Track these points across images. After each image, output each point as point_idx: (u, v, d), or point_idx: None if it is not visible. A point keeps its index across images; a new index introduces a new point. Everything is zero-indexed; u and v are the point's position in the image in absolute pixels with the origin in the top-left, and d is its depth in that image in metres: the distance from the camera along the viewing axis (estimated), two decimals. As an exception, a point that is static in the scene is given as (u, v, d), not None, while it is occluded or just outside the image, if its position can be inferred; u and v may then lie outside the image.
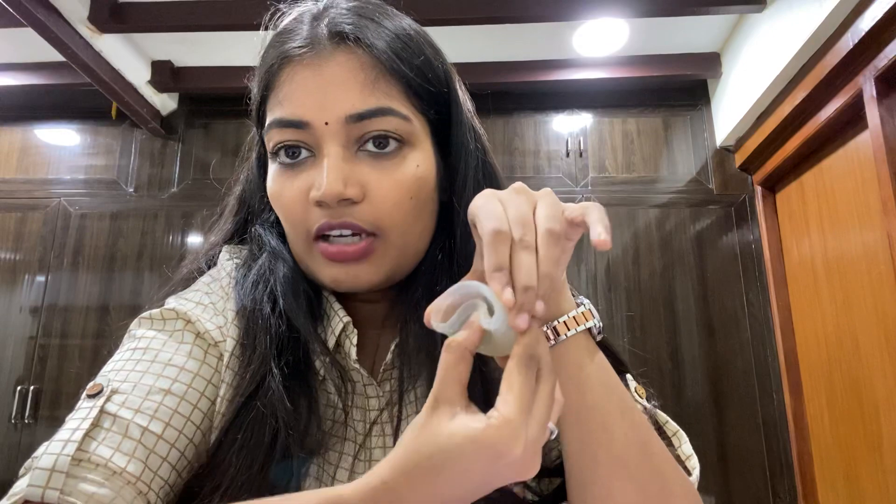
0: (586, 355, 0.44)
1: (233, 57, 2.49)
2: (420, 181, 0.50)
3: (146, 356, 0.48)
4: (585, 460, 0.43)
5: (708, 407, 2.26)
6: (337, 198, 0.47)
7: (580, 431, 0.43)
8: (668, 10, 2.05)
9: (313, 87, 0.48)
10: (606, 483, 0.42)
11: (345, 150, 0.49)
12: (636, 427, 0.44)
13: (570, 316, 0.44)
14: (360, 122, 0.48)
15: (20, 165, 2.68)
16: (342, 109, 0.48)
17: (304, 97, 0.49)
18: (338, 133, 0.48)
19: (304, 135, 0.49)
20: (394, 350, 0.53)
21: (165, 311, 0.51)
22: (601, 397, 0.43)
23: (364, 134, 0.49)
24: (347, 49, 0.49)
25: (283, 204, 0.51)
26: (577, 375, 0.44)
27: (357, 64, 0.49)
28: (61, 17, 1.99)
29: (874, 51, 1.60)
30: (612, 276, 2.40)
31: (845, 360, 1.89)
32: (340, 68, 0.49)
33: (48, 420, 2.32)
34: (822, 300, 2.02)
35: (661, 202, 2.47)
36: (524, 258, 0.37)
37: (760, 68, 2.10)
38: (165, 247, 2.55)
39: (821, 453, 2.06)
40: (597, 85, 2.55)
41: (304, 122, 0.48)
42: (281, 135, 0.50)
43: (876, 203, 1.69)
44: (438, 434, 0.34)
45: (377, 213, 0.49)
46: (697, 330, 2.34)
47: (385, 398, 0.53)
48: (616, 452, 0.42)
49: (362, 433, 0.52)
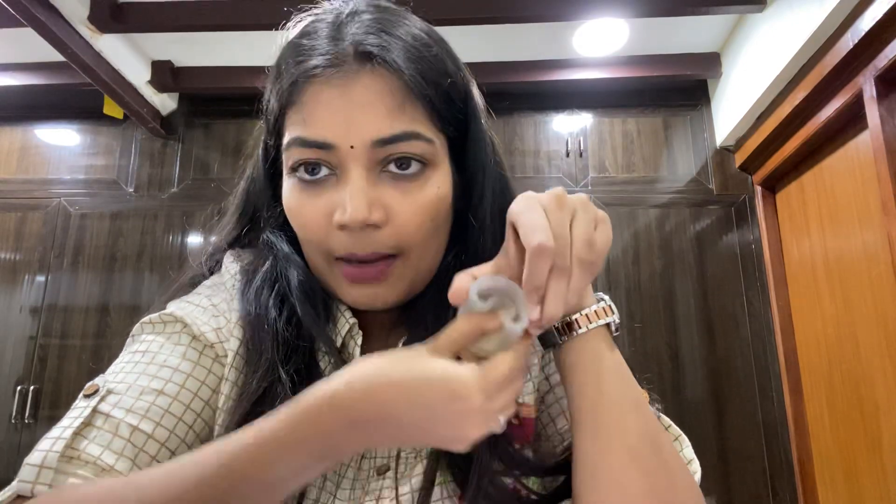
0: (605, 348, 0.46)
1: (233, 57, 2.49)
2: (440, 202, 0.50)
3: (143, 359, 0.49)
4: (599, 449, 0.44)
5: (708, 407, 2.26)
6: (362, 224, 0.47)
7: (595, 421, 0.44)
8: (668, 10, 2.05)
9: (339, 108, 0.47)
10: (618, 472, 0.43)
11: (368, 173, 0.48)
12: (648, 421, 0.45)
13: (592, 310, 0.46)
14: (386, 146, 0.48)
15: (20, 165, 2.68)
16: (368, 134, 0.47)
17: (329, 118, 0.48)
18: (362, 156, 0.48)
19: (328, 155, 0.48)
20: None
21: (164, 315, 0.52)
22: (617, 389, 0.45)
23: (388, 156, 0.48)
24: (373, 70, 0.48)
25: (304, 223, 0.51)
26: (595, 367, 0.45)
27: (384, 86, 0.48)
28: (61, 17, 1.99)
29: (874, 51, 1.60)
30: (612, 276, 2.40)
31: (845, 360, 1.89)
32: (367, 91, 0.48)
33: (48, 420, 2.32)
34: (822, 300, 2.02)
35: (661, 202, 2.47)
36: (559, 287, 0.39)
37: (760, 68, 2.10)
38: (165, 247, 2.55)
39: (821, 453, 2.06)
40: (597, 85, 2.55)
41: (329, 143, 0.48)
42: (303, 153, 0.49)
43: (876, 203, 1.69)
44: (414, 365, 0.36)
45: (400, 236, 0.49)
46: (697, 330, 2.34)
47: None
48: (629, 443, 0.43)
49: None
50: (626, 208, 2.47)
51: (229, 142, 2.67)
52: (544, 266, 0.39)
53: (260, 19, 2.02)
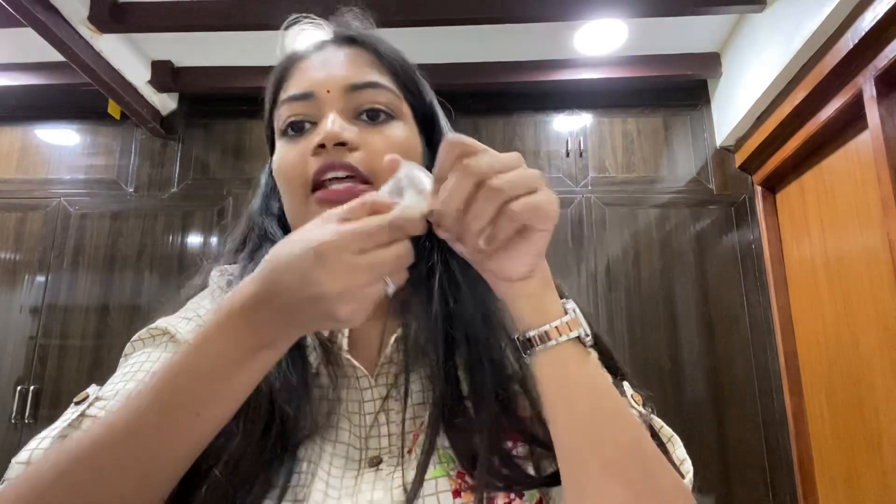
0: (571, 363, 0.44)
1: (232, 57, 2.49)
2: (407, 146, 0.55)
3: (132, 368, 0.51)
4: (576, 466, 0.43)
5: (708, 407, 2.26)
6: (335, 139, 0.52)
7: (569, 439, 0.44)
8: (667, 10, 2.05)
9: (318, 67, 0.56)
10: (598, 487, 0.42)
11: (343, 113, 0.54)
12: (627, 429, 0.44)
13: (553, 325, 0.44)
14: (357, 91, 0.55)
15: (20, 165, 2.68)
16: (342, 81, 0.55)
17: (309, 76, 0.56)
18: (338, 100, 0.54)
19: (310, 106, 0.55)
20: (393, 344, 0.54)
21: (151, 329, 0.55)
22: (589, 405, 0.43)
23: (360, 105, 0.55)
24: (350, 47, 0.58)
25: (284, 165, 0.55)
26: (562, 385, 0.44)
27: (358, 53, 0.58)
28: (61, 17, 1.99)
29: (874, 51, 1.60)
30: (612, 276, 2.40)
31: (845, 360, 1.89)
32: (345, 54, 0.57)
33: (48, 420, 2.29)
34: (822, 300, 2.02)
35: (661, 202, 2.47)
36: (485, 203, 0.39)
37: (760, 68, 2.10)
38: (165, 247, 2.55)
39: (821, 453, 2.06)
40: (597, 85, 2.55)
41: (310, 92, 0.55)
42: (289, 109, 0.56)
43: (876, 203, 1.69)
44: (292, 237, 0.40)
45: (372, 160, 0.53)
46: (697, 330, 2.33)
47: (379, 392, 0.53)
48: (606, 458, 0.43)
49: (358, 424, 0.53)
50: (626, 208, 2.47)
51: (229, 142, 2.67)
52: (450, 157, 0.40)
53: (260, 19, 2.02)
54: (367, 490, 0.48)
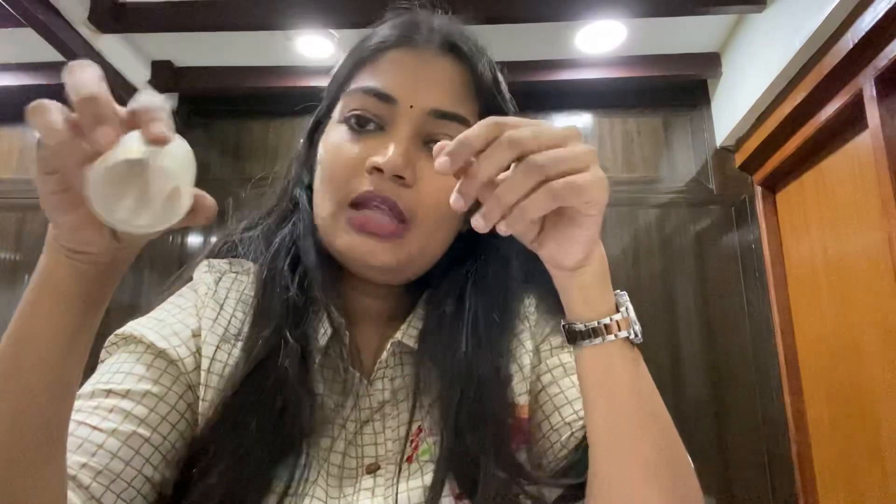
0: (617, 364, 0.43)
1: (233, 57, 2.49)
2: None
3: (104, 368, 0.53)
4: (614, 464, 0.43)
5: (708, 406, 2.26)
6: (395, 171, 0.49)
7: (608, 438, 0.43)
8: (667, 10, 2.05)
9: (412, 72, 0.52)
10: (635, 489, 0.42)
11: (414, 137, 0.51)
12: (664, 433, 0.44)
13: (603, 323, 0.43)
14: (439, 119, 0.51)
15: (20, 165, 2.68)
16: (431, 102, 0.51)
17: (400, 77, 0.52)
18: (416, 119, 0.51)
19: (386, 109, 0.52)
20: (389, 349, 0.53)
21: (118, 334, 0.55)
22: (631, 405, 0.43)
23: (435, 133, 0.51)
24: (452, 60, 0.54)
25: (336, 162, 0.52)
26: (606, 382, 0.43)
27: (457, 74, 0.54)
28: (61, 17, 1.99)
29: (874, 51, 1.60)
30: (612, 276, 2.39)
31: (845, 360, 1.89)
32: (442, 69, 0.53)
33: (48, 420, 2.32)
34: (822, 300, 2.02)
35: (661, 202, 2.47)
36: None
37: (760, 68, 2.10)
38: (165, 246, 2.55)
39: (821, 453, 2.06)
40: (597, 85, 2.54)
41: (393, 97, 0.51)
42: (363, 101, 0.52)
43: (876, 203, 1.68)
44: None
45: (420, 202, 0.51)
46: (697, 330, 2.33)
47: (376, 398, 0.53)
48: (645, 458, 0.42)
49: (354, 420, 0.53)
50: (626, 208, 2.47)
51: (229, 142, 2.67)
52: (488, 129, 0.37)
53: (260, 19, 2.01)
54: (367, 498, 0.48)
